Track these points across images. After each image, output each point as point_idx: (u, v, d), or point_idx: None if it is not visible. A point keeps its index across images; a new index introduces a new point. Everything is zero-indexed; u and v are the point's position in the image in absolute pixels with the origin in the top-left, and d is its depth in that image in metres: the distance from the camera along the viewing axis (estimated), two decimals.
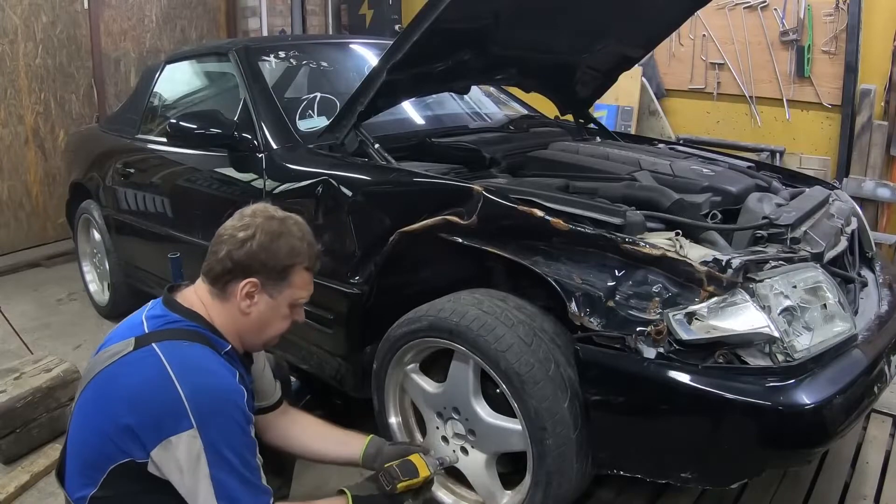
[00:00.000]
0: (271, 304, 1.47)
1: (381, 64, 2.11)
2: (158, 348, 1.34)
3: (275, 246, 1.43)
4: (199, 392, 1.29)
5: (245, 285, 1.43)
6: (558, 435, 1.61)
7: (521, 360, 1.63)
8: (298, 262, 1.48)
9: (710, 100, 4.64)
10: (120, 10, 4.97)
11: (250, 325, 1.48)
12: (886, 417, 2.45)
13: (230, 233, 1.44)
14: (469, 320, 1.70)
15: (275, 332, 1.53)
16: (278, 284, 1.46)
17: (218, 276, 1.44)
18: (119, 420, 1.30)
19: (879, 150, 4.07)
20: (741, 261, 1.55)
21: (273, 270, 1.44)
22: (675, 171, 2.17)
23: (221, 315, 1.46)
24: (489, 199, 1.75)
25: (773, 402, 1.43)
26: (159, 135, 3.03)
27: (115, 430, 1.31)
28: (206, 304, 1.47)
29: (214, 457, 1.28)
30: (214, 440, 1.28)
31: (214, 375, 1.35)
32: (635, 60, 2.89)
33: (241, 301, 1.44)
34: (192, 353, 1.36)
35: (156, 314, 1.44)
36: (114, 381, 1.35)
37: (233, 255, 1.41)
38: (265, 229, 1.43)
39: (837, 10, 4.09)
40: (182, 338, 1.38)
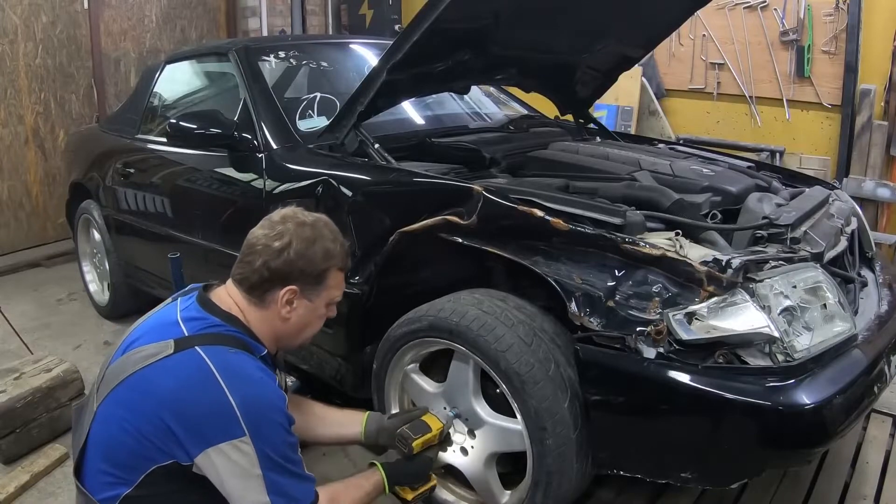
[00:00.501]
0: (310, 308, 1.51)
1: (381, 64, 2.11)
2: (203, 352, 1.35)
3: (311, 252, 1.46)
4: (249, 401, 1.32)
5: (285, 293, 1.46)
6: (558, 435, 1.61)
7: (521, 360, 1.63)
8: (333, 265, 1.51)
9: (710, 100, 4.64)
10: (120, 10, 4.97)
11: (289, 330, 1.52)
12: (886, 417, 2.45)
13: (264, 242, 1.45)
14: (469, 320, 1.70)
15: (312, 331, 1.58)
16: (316, 288, 1.50)
17: (255, 286, 1.46)
18: (162, 422, 1.31)
19: (879, 150, 4.07)
20: (741, 261, 1.55)
21: (311, 276, 1.47)
22: (675, 171, 2.17)
23: (259, 320, 1.49)
24: (489, 199, 1.75)
25: (773, 402, 1.43)
26: (159, 135, 3.03)
27: (157, 432, 1.32)
28: (242, 309, 1.48)
29: (266, 460, 1.32)
30: (265, 446, 1.32)
31: (260, 384, 1.38)
32: (635, 60, 2.89)
33: (281, 308, 1.47)
34: (238, 361, 1.38)
35: (193, 316, 1.44)
36: (154, 382, 1.34)
37: (270, 264, 1.44)
38: (300, 236, 1.46)
39: (837, 10, 4.08)
40: (225, 343, 1.40)
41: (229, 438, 1.30)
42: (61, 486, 2.19)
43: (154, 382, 1.34)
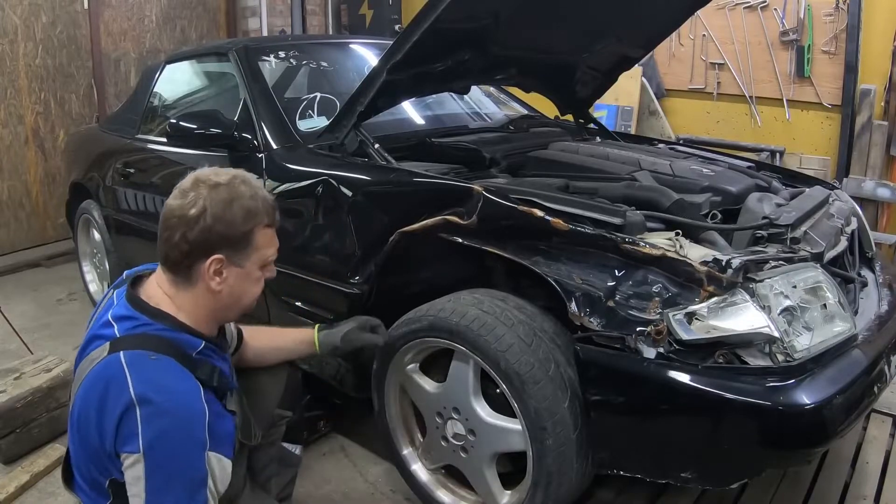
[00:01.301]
0: (242, 274, 1.38)
1: (381, 64, 2.11)
2: (125, 359, 1.26)
3: (229, 214, 1.33)
4: (153, 417, 1.21)
5: (210, 264, 1.33)
6: (558, 435, 1.61)
7: (521, 360, 1.63)
8: (258, 223, 1.38)
9: (710, 100, 4.64)
10: (120, 10, 4.97)
11: (225, 302, 1.39)
12: (886, 417, 2.45)
13: (179, 213, 1.32)
14: (469, 320, 1.70)
15: (251, 298, 1.45)
16: (244, 252, 1.37)
17: (177, 263, 1.34)
18: (91, 435, 1.27)
19: (879, 150, 4.07)
20: (741, 261, 1.55)
21: (234, 240, 1.34)
22: (675, 171, 2.17)
23: (189, 303, 1.37)
24: (489, 199, 1.75)
25: (773, 402, 1.43)
26: (159, 135, 3.03)
27: (94, 449, 1.28)
28: (171, 297, 1.37)
29: (152, 487, 1.20)
30: (157, 468, 1.20)
31: (176, 396, 1.26)
32: (635, 60, 2.89)
33: (209, 280, 1.34)
34: (157, 370, 1.27)
35: (123, 314, 1.35)
36: (87, 397, 1.28)
37: (188, 236, 1.31)
38: (215, 199, 1.32)
39: (837, 10, 4.08)
40: (150, 346, 1.29)
41: (126, 450, 1.21)
42: (61, 486, 2.17)
43: (89, 397, 1.28)
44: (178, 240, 1.32)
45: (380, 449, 2.32)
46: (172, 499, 1.21)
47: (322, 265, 2.14)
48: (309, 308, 2.20)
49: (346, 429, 2.44)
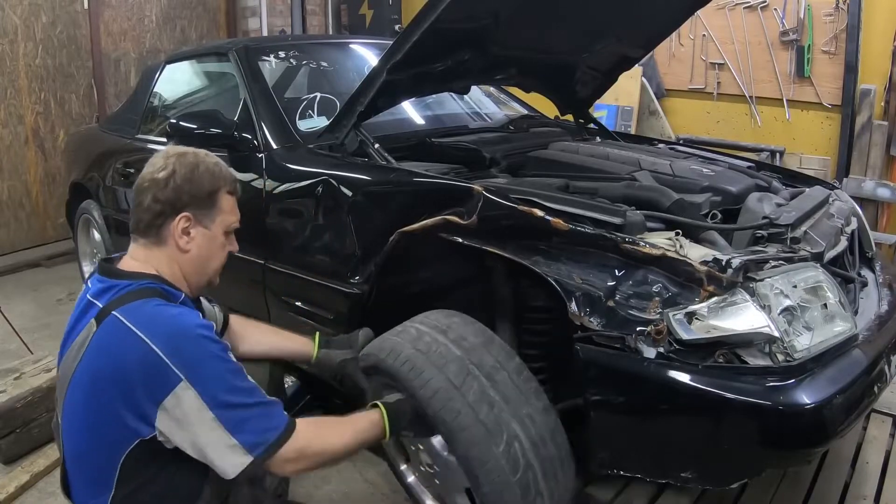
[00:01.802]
0: (208, 236, 1.49)
1: (381, 64, 2.11)
2: (120, 314, 1.32)
3: (196, 175, 1.45)
4: (172, 342, 1.29)
5: (179, 221, 1.44)
6: (493, 482, 1.51)
7: (446, 406, 1.52)
8: (221, 186, 1.50)
9: (710, 100, 4.64)
10: (120, 10, 4.97)
11: (193, 263, 1.48)
12: (886, 417, 2.45)
13: (150, 179, 1.44)
14: (401, 362, 1.62)
15: (216, 264, 1.54)
16: (209, 212, 1.48)
17: (150, 224, 1.44)
18: (112, 406, 1.29)
19: (879, 150, 4.07)
20: (741, 260, 1.55)
21: (200, 199, 1.46)
22: (675, 171, 2.17)
23: (163, 263, 1.45)
24: (489, 199, 1.75)
25: (773, 402, 1.43)
26: (159, 135, 3.03)
27: (112, 419, 1.29)
28: (145, 260, 1.45)
29: (212, 399, 1.27)
30: (206, 383, 1.28)
31: (179, 318, 1.34)
32: (635, 60, 2.89)
33: (178, 239, 1.45)
34: (152, 309, 1.34)
35: (101, 289, 1.41)
36: (92, 370, 1.33)
37: (158, 196, 1.42)
38: (182, 163, 1.46)
39: (837, 10, 4.08)
40: (139, 297, 1.36)
41: (170, 389, 1.26)
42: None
43: (92, 370, 1.33)
44: (150, 202, 1.43)
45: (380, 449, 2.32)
46: (230, 393, 1.30)
47: (322, 265, 2.14)
48: (309, 308, 2.20)
49: None
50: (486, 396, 1.55)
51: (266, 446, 1.30)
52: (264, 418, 1.33)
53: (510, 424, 1.54)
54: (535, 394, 1.63)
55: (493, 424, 1.52)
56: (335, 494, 2.13)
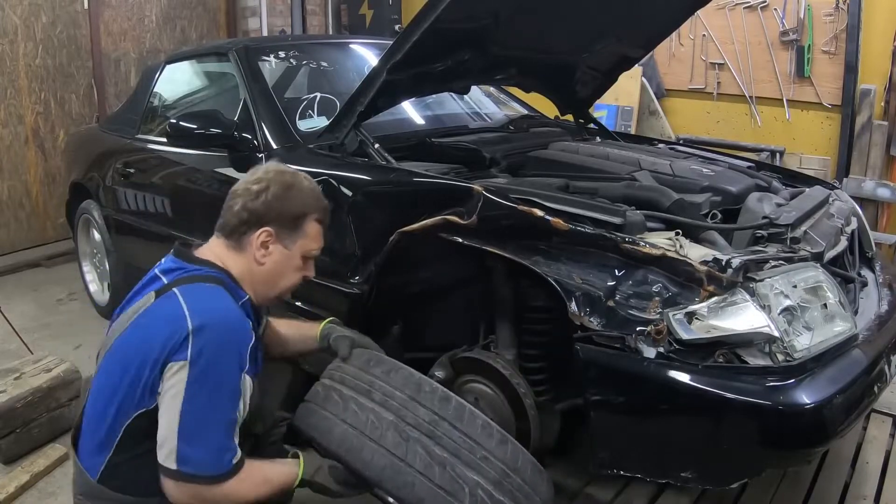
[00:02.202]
0: (286, 255, 1.53)
1: (381, 64, 2.11)
2: (178, 291, 1.39)
3: (289, 196, 1.50)
4: (206, 326, 1.33)
5: (260, 234, 1.49)
6: None
7: (397, 481, 1.42)
8: (311, 213, 1.55)
9: (710, 100, 4.64)
10: (120, 10, 4.97)
11: (265, 276, 1.52)
12: (886, 417, 2.45)
13: (244, 187, 1.51)
14: (336, 443, 1.47)
15: (287, 284, 1.58)
16: (292, 234, 1.52)
17: (234, 229, 1.50)
18: (132, 373, 1.35)
19: (879, 150, 4.07)
20: (741, 260, 1.55)
21: (287, 220, 1.51)
22: (675, 171, 2.17)
23: (238, 266, 1.50)
24: (489, 199, 1.75)
25: (773, 402, 1.44)
26: (159, 135, 3.03)
27: (129, 385, 1.35)
28: (221, 257, 1.50)
29: (193, 395, 1.30)
30: (200, 378, 1.31)
31: (227, 313, 1.39)
32: (635, 60, 2.89)
33: (256, 251, 1.49)
34: (209, 292, 1.41)
35: (171, 268, 1.47)
36: (133, 333, 1.40)
37: (248, 206, 1.48)
38: (279, 181, 1.51)
39: (837, 10, 4.08)
40: (202, 282, 1.42)
41: (174, 360, 1.31)
42: (61, 486, 2.19)
43: (134, 333, 1.40)
44: (239, 208, 1.49)
45: None
46: (207, 404, 1.33)
47: (322, 265, 2.12)
48: (309, 308, 2.20)
49: None
50: (434, 457, 1.43)
51: (193, 473, 1.32)
52: (214, 452, 1.34)
53: (468, 476, 1.43)
54: (484, 431, 1.49)
55: (451, 484, 1.42)
56: None
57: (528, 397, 1.88)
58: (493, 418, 1.92)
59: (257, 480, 1.41)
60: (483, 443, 1.48)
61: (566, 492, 2.09)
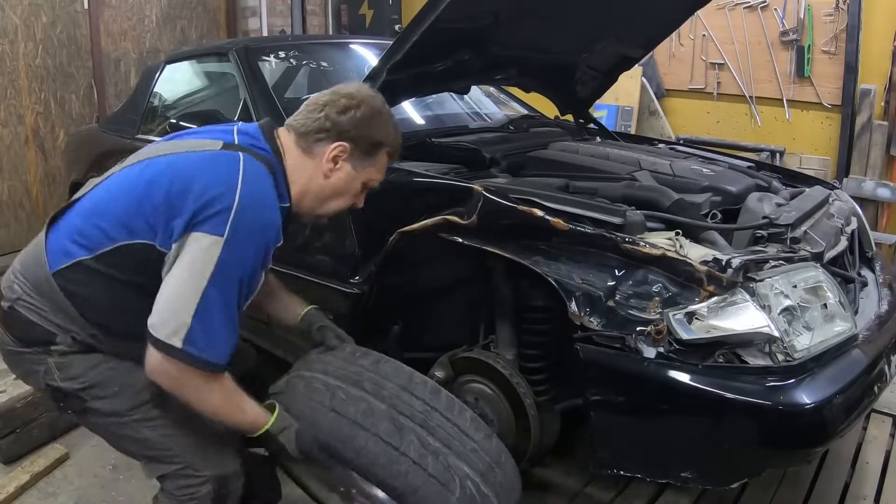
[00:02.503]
0: (351, 176, 1.50)
1: (380, 64, 2.11)
2: (243, 158, 1.36)
3: (376, 121, 1.49)
4: (247, 209, 1.30)
5: (336, 148, 1.46)
6: None
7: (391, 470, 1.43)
8: (388, 144, 1.53)
9: (710, 100, 4.64)
10: (120, 11, 4.97)
11: (322, 189, 1.49)
12: (886, 417, 2.45)
13: (332, 98, 1.47)
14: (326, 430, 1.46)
15: (337, 206, 1.55)
16: (365, 158, 1.50)
17: (311, 133, 1.46)
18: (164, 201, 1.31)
19: (879, 150, 4.07)
20: (741, 260, 1.55)
21: (366, 143, 1.48)
22: (675, 171, 2.17)
23: (298, 168, 1.47)
24: (489, 199, 1.75)
25: (774, 402, 1.44)
26: (159, 135, 3.02)
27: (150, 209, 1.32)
28: (286, 149, 1.47)
29: (220, 276, 1.27)
30: (230, 261, 1.28)
31: (268, 211, 1.36)
32: (635, 60, 2.89)
33: (325, 162, 1.46)
34: (263, 182, 1.37)
35: (249, 132, 1.46)
36: (191, 166, 1.36)
37: (332, 117, 1.45)
38: (370, 104, 1.48)
39: (837, 10, 4.08)
40: (263, 166, 1.39)
41: (208, 232, 1.28)
42: (61, 486, 2.20)
43: (192, 166, 1.36)
44: (323, 116, 1.46)
45: None
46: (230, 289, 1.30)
47: (322, 265, 2.14)
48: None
49: None
50: (428, 447, 1.46)
51: (196, 355, 1.26)
52: (221, 340, 1.30)
53: (460, 467, 1.46)
54: (472, 425, 1.55)
55: (444, 474, 1.44)
56: None
57: (528, 397, 1.88)
58: (493, 418, 1.94)
59: (233, 400, 1.37)
60: (472, 435, 1.52)
61: (566, 492, 2.09)
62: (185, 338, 1.25)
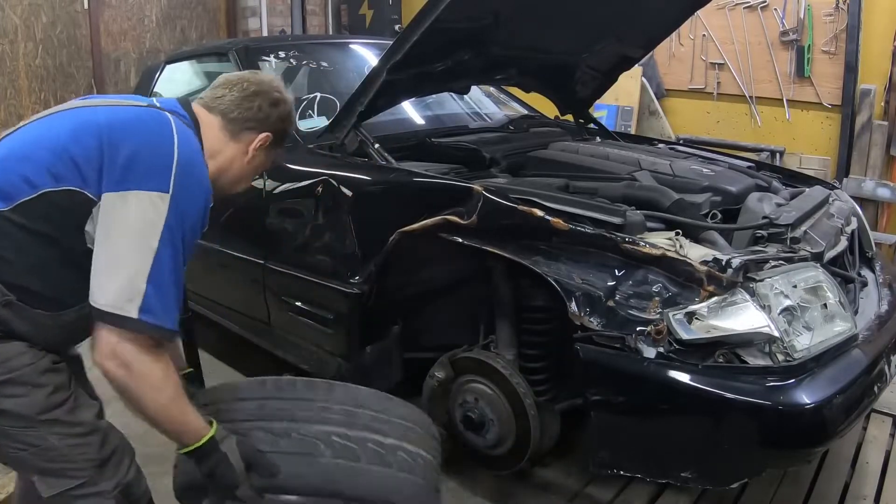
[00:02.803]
0: (264, 162, 1.56)
1: (380, 64, 2.11)
2: (172, 119, 1.34)
3: (292, 116, 1.57)
4: (188, 170, 1.27)
5: (264, 137, 1.49)
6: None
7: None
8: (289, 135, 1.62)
9: (710, 100, 4.64)
10: (120, 10, 4.97)
11: (242, 172, 1.52)
12: (886, 417, 2.44)
13: (263, 89, 1.49)
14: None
15: (244, 187, 1.59)
16: (276, 147, 1.56)
17: (240, 119, 1.47)
18: (99, 144, 1.24)
19: (879, 150, 4.06)
20: (741, 260, 1.55)
21: (281, 135, 1.55)
22: (675, 171, 2.17)
23: (219, 148, 1.46)
24: (489, 199, 1.75)
25: (774, 402, 1.44)
26: None
27: (87, 153, 1.24)
28: (208, 127, 1.45)
29: (169, 234, 1.21)
30: (178, 218, 1.23)
31: (204, 170, 1.35)
32: (635, 60, 2.89)
33: (252, 149, 1.49)
34: (194, 143, 1.35)
35: (170, 102, 1.46)
36: (122, 118, 1.31)
37: (265, 109, 1.48)
38: (289, 99, 1.55)
39: (837, 10, 4.08)
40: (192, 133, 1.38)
41: (152, 189, 1.21)
42: None
43: (115, 113, 1.32)
44: (257, 105, 1.47)
45: None
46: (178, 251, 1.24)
47: (322, 265, 2.14)
48: (309, 308, 2.20)
49: None
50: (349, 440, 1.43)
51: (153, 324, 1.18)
52: (173, 306, 1.22)
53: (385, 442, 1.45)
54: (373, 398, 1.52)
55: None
56: None
57: (528, 397, 1.88)
58: (493, 418, 1.94)
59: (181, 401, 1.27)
60: (376, 407, 1.49)
61: (566, 492, 2.09)
62: (142, 306, 1.17)
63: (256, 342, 2.48)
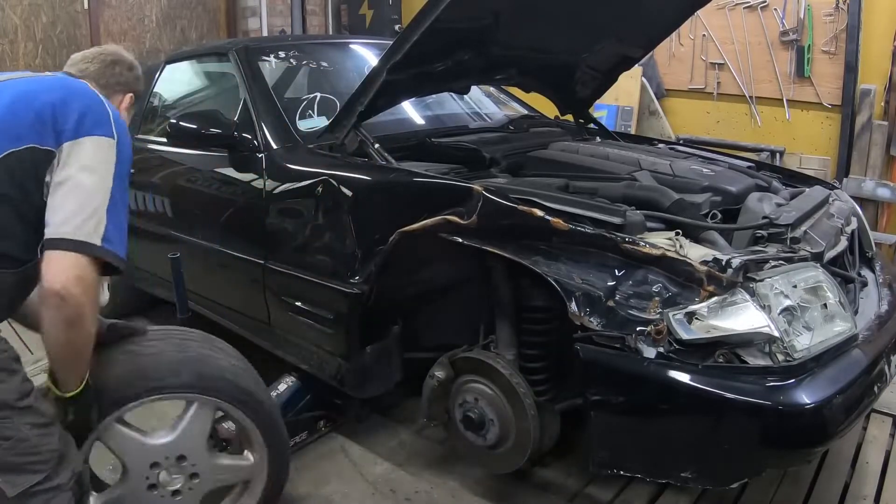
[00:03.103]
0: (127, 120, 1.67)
1: (380, 64, 2.11)
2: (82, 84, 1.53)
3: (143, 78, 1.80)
4: (120, 121, 1.44)
5: (130, 98, 1.73)
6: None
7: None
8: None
9: (710, 100, 4.64)
10: (120, 10, 4.97)
11: None
12: (886, 417, 2.45)
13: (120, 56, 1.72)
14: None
15: None
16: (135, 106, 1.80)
17: (112, 85, 1.67)
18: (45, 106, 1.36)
19: (879, 150, 4.07)
20: (741, 260, 1.55)
21: (139, 94, 1.78)
22: (675, 171, 2.18)
23: None
24: (489, 199, 1.75)
25: (773, 402, 1.44)
26: (159, 135, 3.02)
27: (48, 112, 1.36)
28: None
29: (118, 173, 1.37)
30: (123, 160, 1.40)
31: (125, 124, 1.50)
32: (635, 60, 2.89)
33: (122, 108, 1.69)
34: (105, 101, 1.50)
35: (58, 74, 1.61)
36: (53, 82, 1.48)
37: (125, 74, 1.71)
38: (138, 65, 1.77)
39: (837, 10, 4.08)
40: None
41: (102, 134, 1.38)
42: None
43: (46, 81, 1.48)
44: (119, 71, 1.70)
45: (380, 449, 2.32)
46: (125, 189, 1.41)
47: (322, 265, 2.14)
48: (309, 308, 2.20)
49: (346, 429, 2.44)
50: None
51: (112, 251, 1.31)
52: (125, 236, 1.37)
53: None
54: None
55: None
56: (335, 495, 2.12)
57: (528, 397, 1.88)
58: (493, 418, 1.94)
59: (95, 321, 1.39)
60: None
61: (566, 492, 2.09)
62: (104, 235, 1.30)
63: (256, 342, 2.48)
